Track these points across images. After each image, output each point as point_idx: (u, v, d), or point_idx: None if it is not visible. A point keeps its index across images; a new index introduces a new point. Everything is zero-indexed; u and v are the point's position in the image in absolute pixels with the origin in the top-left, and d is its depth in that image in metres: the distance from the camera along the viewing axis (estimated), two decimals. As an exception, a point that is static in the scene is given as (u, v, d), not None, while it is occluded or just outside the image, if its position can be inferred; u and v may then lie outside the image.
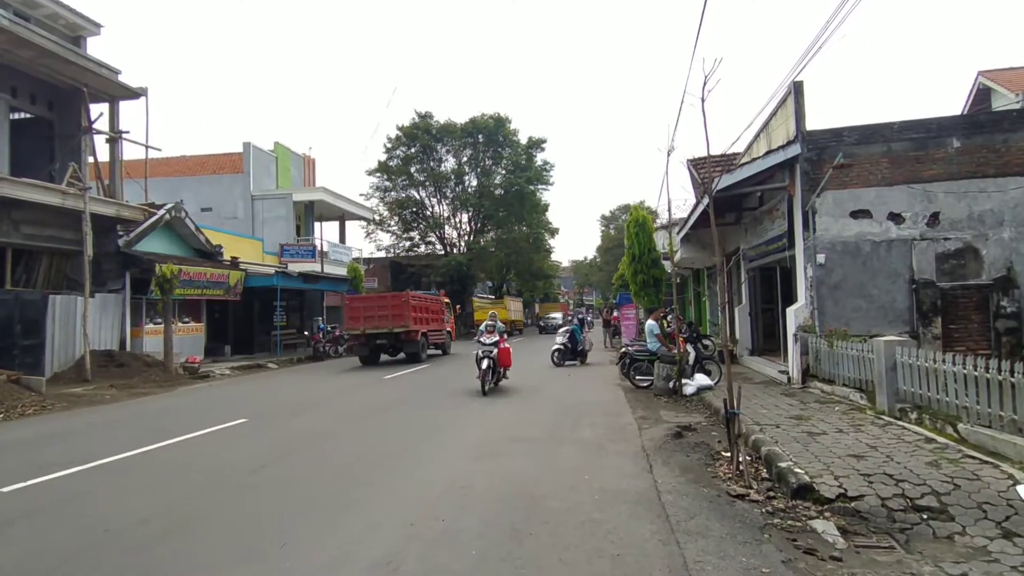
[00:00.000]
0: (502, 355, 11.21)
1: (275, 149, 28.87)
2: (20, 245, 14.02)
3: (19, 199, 13.06)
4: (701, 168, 16.08)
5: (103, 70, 15.44)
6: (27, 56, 13.76)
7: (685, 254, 17.04)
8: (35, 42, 13.45)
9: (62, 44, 14.49)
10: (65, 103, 15.97)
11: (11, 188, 12.89)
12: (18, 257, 14.28)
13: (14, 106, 15.20)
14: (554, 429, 7.63)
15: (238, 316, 22.11)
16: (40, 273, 14.61)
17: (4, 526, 4.47)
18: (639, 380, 11.17)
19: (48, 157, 16.08)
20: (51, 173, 15.49)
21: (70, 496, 5.22)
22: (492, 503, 4.67)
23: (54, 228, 14.39)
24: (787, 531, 4.04)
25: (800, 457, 5.35)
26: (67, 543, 4.09)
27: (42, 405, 10.40)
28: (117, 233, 15.87)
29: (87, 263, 14.03)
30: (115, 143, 16.68)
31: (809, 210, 10.02)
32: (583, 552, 3.70)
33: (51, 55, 13.96)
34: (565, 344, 16.39)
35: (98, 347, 14.55)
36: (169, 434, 7.75)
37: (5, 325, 13.03)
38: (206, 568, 3.62)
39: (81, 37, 16.70)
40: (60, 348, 13.73)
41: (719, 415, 7.66)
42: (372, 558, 3.67)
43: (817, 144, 10.05)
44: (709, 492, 4.85)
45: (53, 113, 16.07)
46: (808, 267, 10.10)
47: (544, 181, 41.96)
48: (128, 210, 16.13)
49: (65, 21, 16.11)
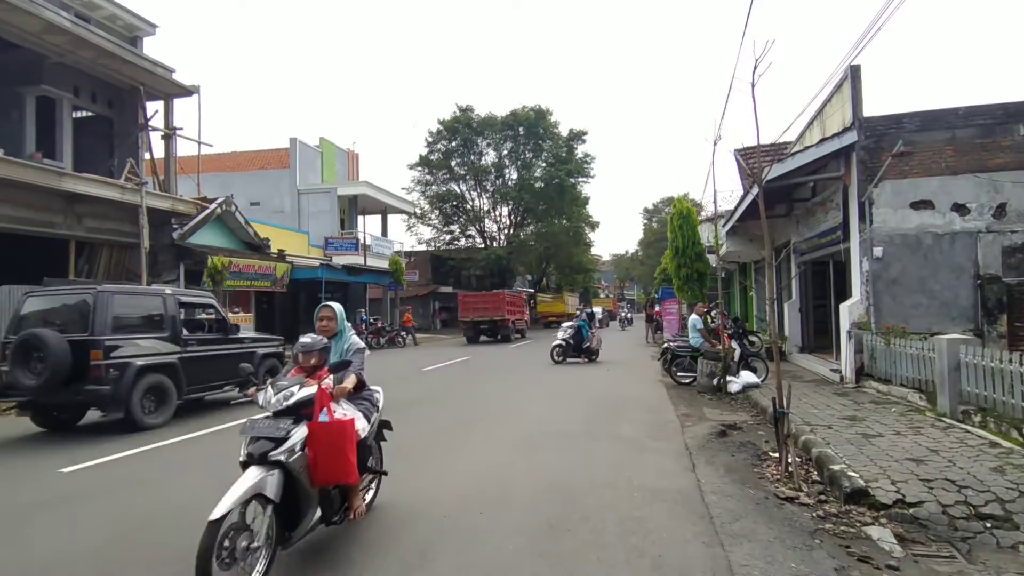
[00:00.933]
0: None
1: (320, 144, 29.48)
2: (83, 237, 14.74)
3: (83, 193, 13.73)
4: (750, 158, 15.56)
5: (158, 69, 16.02)
6: (88, 56, 14.39)
7: (731, 247, 16.55)
8: (95, 43, 14.05)
9: (120, 44, 15.10)
10: (123, 101, 16.66)
11: (75, 183, 13.55)
12: (81, 249, 15.03)
13: (76, 105, 15.95)
14: (592, 424, 7.51)
15: (285, 307, 22.73)
16: (101, 264, 15.33)
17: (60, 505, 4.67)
18: (681, 376, 10.92)
19: (107, 153, 16.84)
20: (110, 169, 16.21)
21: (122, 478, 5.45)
22: (530, 497, 4.61)
23: (113, 221, 15.05)
24: (840, 537, 3.84)
25: (854, 460, 5.09)
26: (118, 524, 4.23)
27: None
28: (172, 226, 16.49)
29: (144, 255, 14.64)
30: (170, 139, 17.31)
31: (866, 201, 9.54)
32: (622, 551, 3.59)
33: (110, 55, 14.56)
34: (567, 340, 15.45)
35: (154, 335, 15.17)
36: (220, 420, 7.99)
37: (69, 313, 13.73)
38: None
39: (138, 37, 17.38)
40: (119, 336, 14.36)
41: (766, 414, 7.40)
42: (407, 551, 3.66)
43: (875, 131, 9.55)
44: (756, 494, 4.66)
45: (112, 111, 16.79)
46: (864, 261, 9.62)
47: (585, 174, 41.55)
48: (182, 204, 16.75)
49: (123, 22, 16.80)
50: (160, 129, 16.91)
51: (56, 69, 14.71)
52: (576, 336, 15.58)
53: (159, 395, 7.82)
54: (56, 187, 13.20)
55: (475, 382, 12.12)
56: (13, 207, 12.90)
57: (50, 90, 14.87)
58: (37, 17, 12.51)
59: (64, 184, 13.33)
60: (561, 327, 16.55)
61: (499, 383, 11.88)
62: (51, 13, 12.91)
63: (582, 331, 15.64)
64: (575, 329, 15.74)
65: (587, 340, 15.62)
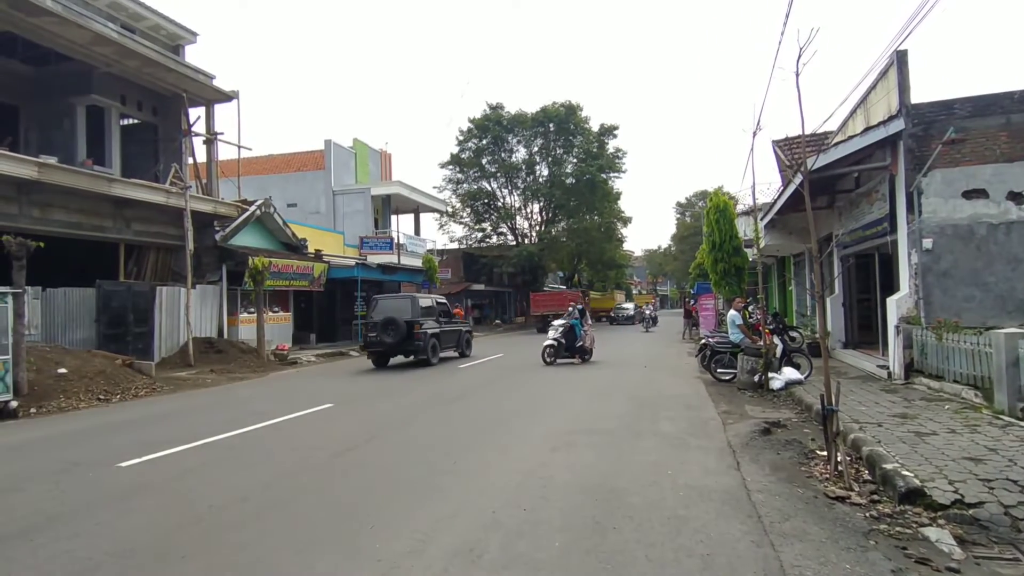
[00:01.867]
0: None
1: (354, 145, 29.94)
2: (131, 241, 15.34)
3: (131, 198, 14.27)
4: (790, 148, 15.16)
5: (200, 76, 16.52)
6: (134, 66, 14.93)
7: (770, 241, 16.18)
8: (141, 52, 14.57)
9: (164, 53, 15.62)
10: (167, 108, 17.24)
11: (123, 188, 14.10)
12: (129, 252, 15.64)
13: (123, 113, 16.58)
14: (632, 421, 7.45)
15: (322, 306, 23.19)
16: (148, 266, 15.92)
17: (121, 498, 4.88)
18: (720, 373, 10.73)
19: (153, 159, 17.46)
20: (156, 174, 16.81)
21: (179, 472, 5.64)
22: (573, 494, 4.61)
23: (159, 224, 15.61)
24: (895, 538, 3.73)
25: (907, 459, 4.93)
26: (176, 516, 4.40)
27: (152, 388, 11.33)
28: (214, 228, 17.01)
29: (189, 256, 15.14)
30: (211, 144, 17.85)
31: (914, 191, 9.21)
32: (670, 550, 3.56)
33: (155, 64, 15.09)
34: (558, 340, 14.43)
35: (199, 335, 15.68)
36: (264, 416, 8.23)
37: (120, 314, 14.32)
38: (301, 546, 3.78)
39: (180, 46, 17.94)
40: (166, 335, 14.91)
41: (812, 411, 7.23)
42: (455, 545, 3.71)
43: (923, 118, 9.20)
44: (804, 493, 4.56)
45: (157, 118, 17.40)
46: (912, 253, 9.29)
47: (616, 169, 41.14)
48: (224, 207, 17.25)
49: (166, 32, 17.36)
50: (202, 134, 17.44)
51: (104, 79, 15.31)
52: (568, 335, 14.75)
53: (434, 349, 15.21)
54: (106, 193, 13.75)
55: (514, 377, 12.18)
56: (67, 213, 13.48)
57: (99, 99, 15.49)
58: (87, 29, 13.04)
59: (114, 190, 13.88)
60: (552, 325, 15.60)
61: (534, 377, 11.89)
62: (99, 25, 13.44)
63: (575, 329, 14.82)
64: (567, 328, 14.85)
65: (580, 339, 14.77)
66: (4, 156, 11.64)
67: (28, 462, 6.22)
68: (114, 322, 14.32)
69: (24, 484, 5.33)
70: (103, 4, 15.52)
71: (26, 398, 9.27)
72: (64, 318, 14.16)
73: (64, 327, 14.10)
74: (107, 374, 11.09)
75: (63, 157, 13.79)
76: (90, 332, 14.26)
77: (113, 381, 10.92)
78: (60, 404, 9.55)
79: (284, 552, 3.70)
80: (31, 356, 10.18)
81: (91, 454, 6.44)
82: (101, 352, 12.74)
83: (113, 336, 14.21)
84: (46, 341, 13.06)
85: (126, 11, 16.16)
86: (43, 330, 13.39)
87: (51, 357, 10.99)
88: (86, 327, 14.28)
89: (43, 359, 10.67)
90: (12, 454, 6.63)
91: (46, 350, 11.50)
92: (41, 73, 15.40)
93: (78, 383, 10.36)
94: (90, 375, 10.77)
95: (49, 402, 9.50)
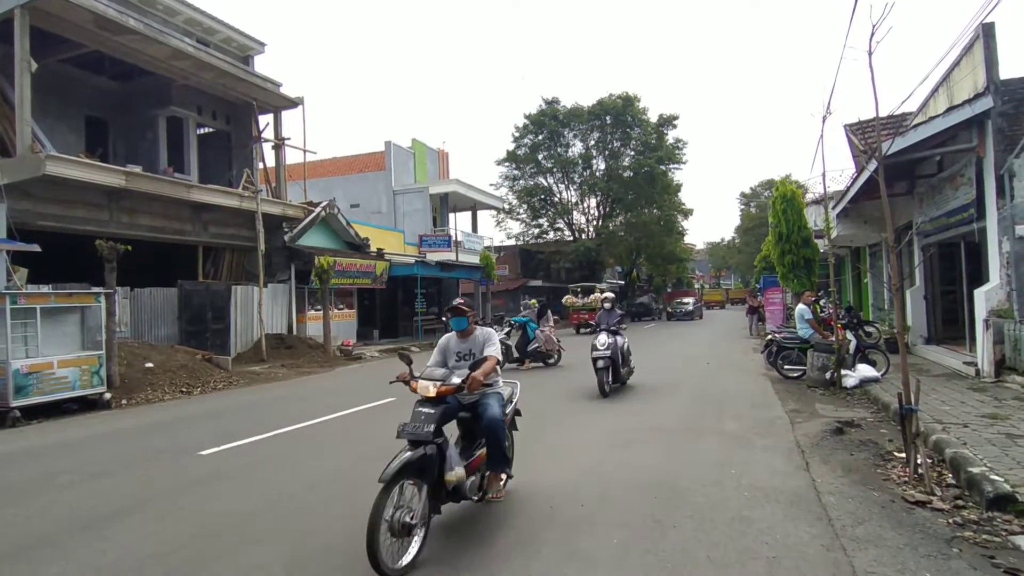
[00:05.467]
0: None
1: (412, 145, 30.57)
2: (208, 243, 16.29)
3: (207, 203, 15.16)
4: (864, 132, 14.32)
5: (268, 84, 17.31)
6: (208, 77, 15.81)
7: (843, 231, 15.36)
8: (215, 64, 15.41)
9: (235, 64, 16.46)
10: (238, 116, 18.17)
11: (201, 194, 14.98)
12: (207, 253, 16.63)
13: (199, 122, 17.60)
14: (695, 419, 7.28)
15: (384, 303, 23.86)
16: (224, 266, 16.87)
17: (202, 484, 5.21)
18: (788, 370, 10.30)
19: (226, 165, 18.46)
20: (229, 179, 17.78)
21: (255, 460, 5.97)
22: (632, 492, 4.56)
23: (233, 227, 16.49)
24: (982, 546, 3.47)
25: (997, 462, 4.58)
26: (251, 501, 4.66)
27: (229, 381, 12.01)
28: (283, 230, 17.81)
29: (260, 257, 15.92)
30: (279, 149, 18.68)
31: (1005, 174, 8.50)
32: (733, 552, 3.46)
33: (227, 75, 15.92)
34: (504, 343, 12.11)
35: (271, 331, 16.47)
36: (332, 409, 8.58)
37: (199, 312, 15.25)
38: (362, 535, 3.91)
39: (249, 56, 18.86)
40: (241, 332, 15.74)
41: (889, 411, 6.83)
42: (511, 538, 3.74)
43: (1014, 95, 8.48)
44: (880, 496, 4.32)
45: (229, 126, 18.36)
46: (1004, 241, 8.60)
47: (676, 160, 40.04)
48: (292, 209, 18.04)
49: (237, 44, 18.29)
50: (271, 140, 18.26)
51: (182, 91, 16.30)
52: (522, 339, 12.97)
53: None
54: (186, 198, 14.65)
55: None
56: (151, 217, 14.44)
57: (177, 110, 16.51)
58: (166, 45, 13.91)
59: (192, 195, 14.77)
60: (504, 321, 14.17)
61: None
62: (177, 40, 14.30)
63: (526, 330, 12.97)
64: (519, 328, 13.04)
65: (534, 341, 12.94)
66: (96, 167, 12.61)
67: (120, 449, 6.73)
68: (194, 319, 15.26)
69: (117, 470, 5.78)
70: (180, 20, 16.52)
71: (118, 390, 10.04)
72: (150, 316, 15.22)
73: (150, 324, 15.15)
74: (189, 368, 11.85)
75: (147, 166, 14.80)
76: (173, 329, 15.26)
77: (194, 375, 11.65)
78: (147, 396, 10.28)
79: (349, 540, 3.83)
80: (121, 351, 11.01)
81: (175, 443, 6.90)
82: (183, 347, 13.63)
83: (193, 333, 15.14)
84: (134, 337, 14.08)
85: (201, 26, 17.13)
86: (131, 327, 14.42)
87: (139, 352, 11.84)
88: (169, 324, 15.29)
89: (132, 354, 11.50)
90: (106, 442, 7.20)
91: (135, 346, 12.41)
92: (126, 88, 16.56)
93: (163, 376, 11.12)
94: (173, 369, 11.53)
95: (137, 394, 10.25)
